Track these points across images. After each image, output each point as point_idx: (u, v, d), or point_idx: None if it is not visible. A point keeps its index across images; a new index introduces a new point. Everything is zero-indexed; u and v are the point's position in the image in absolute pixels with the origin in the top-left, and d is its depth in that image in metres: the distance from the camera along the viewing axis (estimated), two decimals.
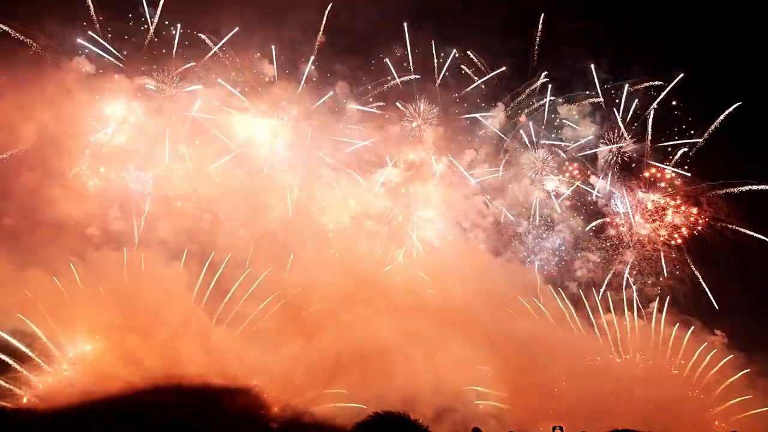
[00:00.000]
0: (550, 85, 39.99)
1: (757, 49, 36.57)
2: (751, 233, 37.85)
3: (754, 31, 36.45)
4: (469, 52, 39.87)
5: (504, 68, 39.72)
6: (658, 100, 39.01)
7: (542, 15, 38.47)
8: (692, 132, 39.06)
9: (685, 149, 39.27)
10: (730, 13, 36.63)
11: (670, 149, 39.67)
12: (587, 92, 40.25)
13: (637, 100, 39.47)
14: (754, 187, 38.05)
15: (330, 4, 37.90)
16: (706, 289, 38.47)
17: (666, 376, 36.67)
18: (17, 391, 31.98)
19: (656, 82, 39.04)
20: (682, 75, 38.16)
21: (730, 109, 37.88)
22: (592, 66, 39.48)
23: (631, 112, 39.69)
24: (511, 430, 32.60)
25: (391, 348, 33.66)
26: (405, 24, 38.61)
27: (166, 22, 37.19)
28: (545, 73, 39.83)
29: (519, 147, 41.38)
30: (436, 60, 39.65)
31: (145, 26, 37.06)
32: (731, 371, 36.35)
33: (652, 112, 39.20)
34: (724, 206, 38.77)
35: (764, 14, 36.01)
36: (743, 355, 36.57)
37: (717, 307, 38.18)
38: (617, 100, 39.86)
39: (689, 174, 39.44)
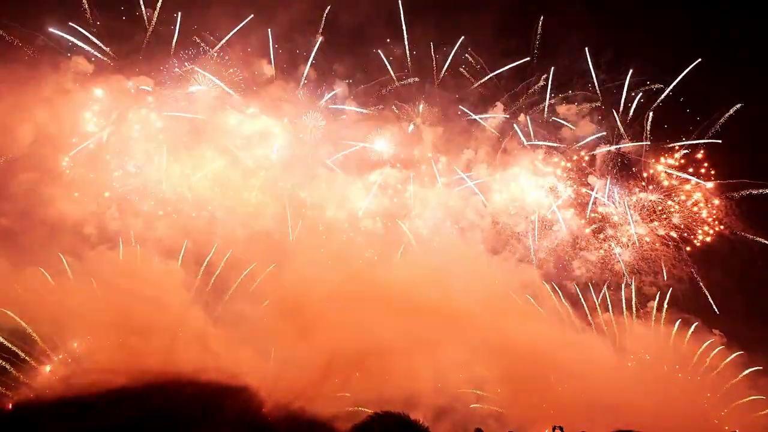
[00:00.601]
0: (549, 85, 40.01)
1: (759, 49, 36.60)
2: (752, 236, 37.98)
3: (755, 31, 36.48)
4: (467, 55, 39.91)
5: (528, 58, 39.06)
6: (659, 100, 39.06)
7: (542, 17, 38.52)
8: (692, 133, 39.12)
9: (686, 150, 39.34)
10: (730, 14, 36.70)
11: (669, 150, 39.72)
12: (586, 92, 40.27)
13: (636, 100, 39.47)
14: (755, 191, 38.17)
15: (329, 6, 37.99)
16: (706, 292, 38.64)
17: (667, 375, 36.66)
18: (8, 392, 31.97)
19: (657, 85, 39.05)
20: (698, 60, 36.90)
21: (731, 111, 37.89)
22: (592, 66, 39.48)
23: (631, 113, 39.73)
24: (511, 430, 32.59)
25: (390, 348, 33.59)
26: (403, 23, 38.56)
27: (161, 15, 37.14)
28: (545, 75, 39.85)
29: (517, 147, 41.40)
30: (434, 60, 39.68)
31: (140, 19, 37.03)
32: (733, 371, 36.40)
33: (652, 112, 39.25)
34: (723, 206, 38.85)
35: (765, 14, 36.04)
36: (744, 354, 36.62)
37: (717, 311, 38.31)
38: (617, 100, 39.89)
39: (688, 176, 39.51)
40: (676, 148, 39.43)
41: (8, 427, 30.39)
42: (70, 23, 35.93)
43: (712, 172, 38.85)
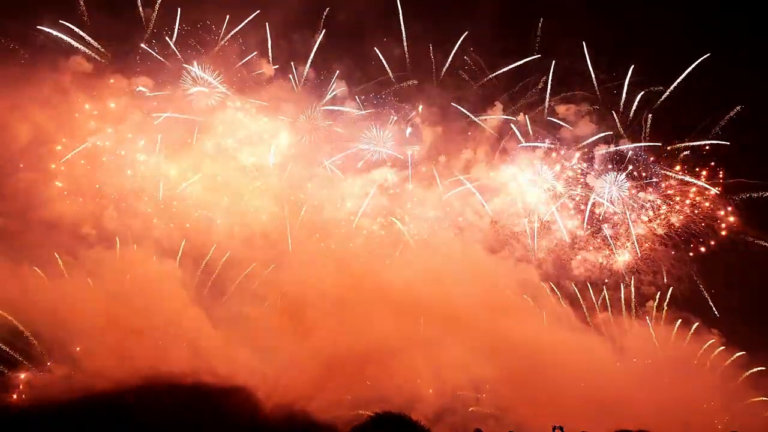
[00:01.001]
0: (549, 85, 39.95)
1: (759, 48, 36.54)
2: (752, 238, 37.96)
3: (756, 31, 36.44)
4: (465, 57, 39.87)
5: (532, 57, 38.80)
6: (660, 100, 39.02)
7: (541, 19, 38.43)
8: (692, 133, 39.12)
9: (686, 151, 39.35)
10: (731, 13, 36.65)
11: (669, 150, 39.71)
12: (586, 92, 40.23)
13: (636, 100, 39.45)
14: (755, 193, 38.18)
15: (327, 8, 37.94)
16: (705, 293, 38.64)
17: (667, 375, 36.61)
18: (2, 393, 31.90)
19: (657, 87, 39.02)
20: (706, 55, 36.60)
21: (732, 113, 37.85)
22: (591, 66, 39.41)
23: (631, 114, 39.70)
24: (511, 430, 32.54)
25: (389, 348, 33.53)
26: (402, 22, 38.47)
27: (159, 15, 37.06)
28: (544, 78, 39.81)
29: (516, 147, 41.33)
30: (433, 60, 39.63)
31: (138, 19, 36.96)
32: (734, 372, 36.38)
33: (651, 113, 39.23)
34: (723, 207, 38.85)
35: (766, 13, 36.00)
36: (745, 355, 36.59)
37: (717, 315, 38.29)
38: (616, 101, 39.84)
39: (688, 177, 39.47)
40: (677, 148, 39.47)
41: (6, 428, 30.29)
42: (68, 24, 35.96)
43: (718, 168, 38.91)
